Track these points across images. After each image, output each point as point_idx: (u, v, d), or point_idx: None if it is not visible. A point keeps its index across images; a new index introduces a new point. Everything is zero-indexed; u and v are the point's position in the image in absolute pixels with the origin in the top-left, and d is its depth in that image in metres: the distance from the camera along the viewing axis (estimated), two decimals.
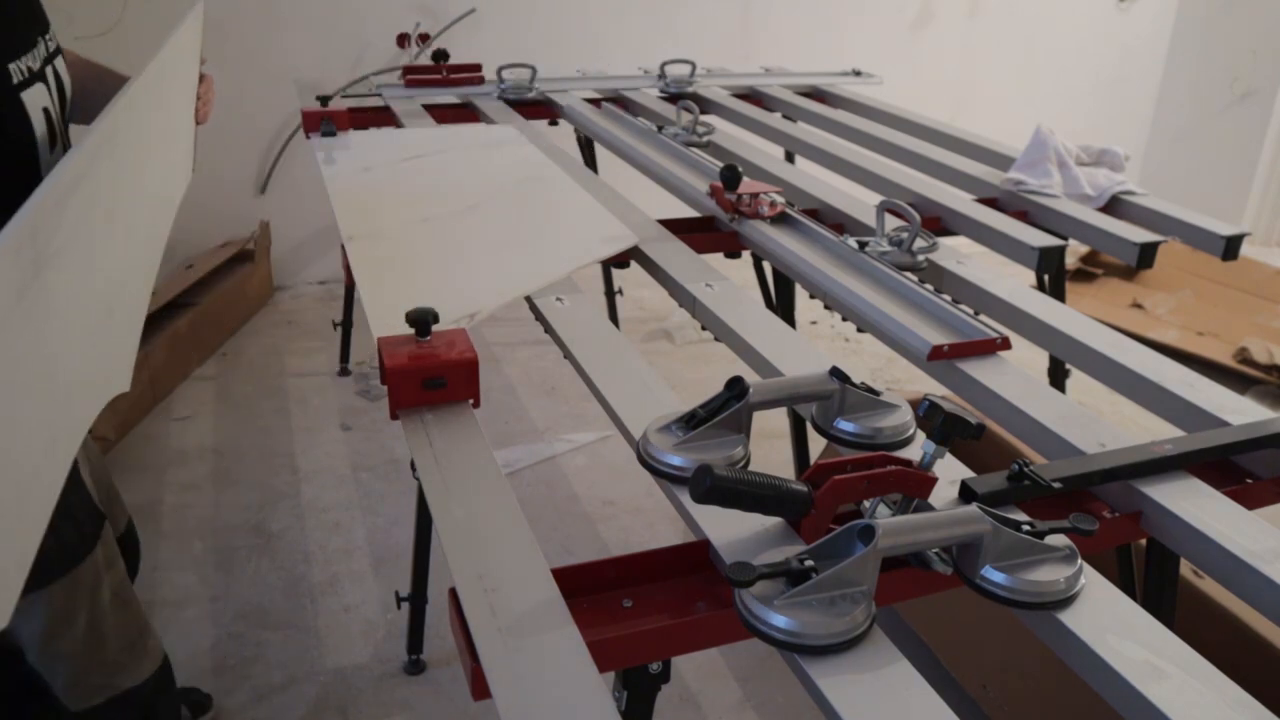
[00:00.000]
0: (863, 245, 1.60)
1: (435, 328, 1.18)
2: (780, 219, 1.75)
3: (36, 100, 1.21)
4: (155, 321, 3.25)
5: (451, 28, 3.87)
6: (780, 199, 1.77)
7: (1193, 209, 1.97)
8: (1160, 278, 4.13)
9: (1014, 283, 1.57)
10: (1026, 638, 1.56)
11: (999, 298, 1.52)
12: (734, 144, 2.32)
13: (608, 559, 0.88)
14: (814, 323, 3.93)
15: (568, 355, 1.32)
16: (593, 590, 0.88)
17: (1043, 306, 1.48)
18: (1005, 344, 1.35)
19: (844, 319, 1.58)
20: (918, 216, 1.59)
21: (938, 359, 1.31)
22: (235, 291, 3.66)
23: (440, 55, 2.99)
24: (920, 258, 1.62)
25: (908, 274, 1.52)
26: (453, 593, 0.85)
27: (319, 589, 2.34)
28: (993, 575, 0.86)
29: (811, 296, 1.65)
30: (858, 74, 3.20)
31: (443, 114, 2.55)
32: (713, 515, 0.94)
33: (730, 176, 1.73)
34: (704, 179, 2.01)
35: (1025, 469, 0.99)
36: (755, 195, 1.74)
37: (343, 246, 1.66)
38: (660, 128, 2.25)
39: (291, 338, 3.67)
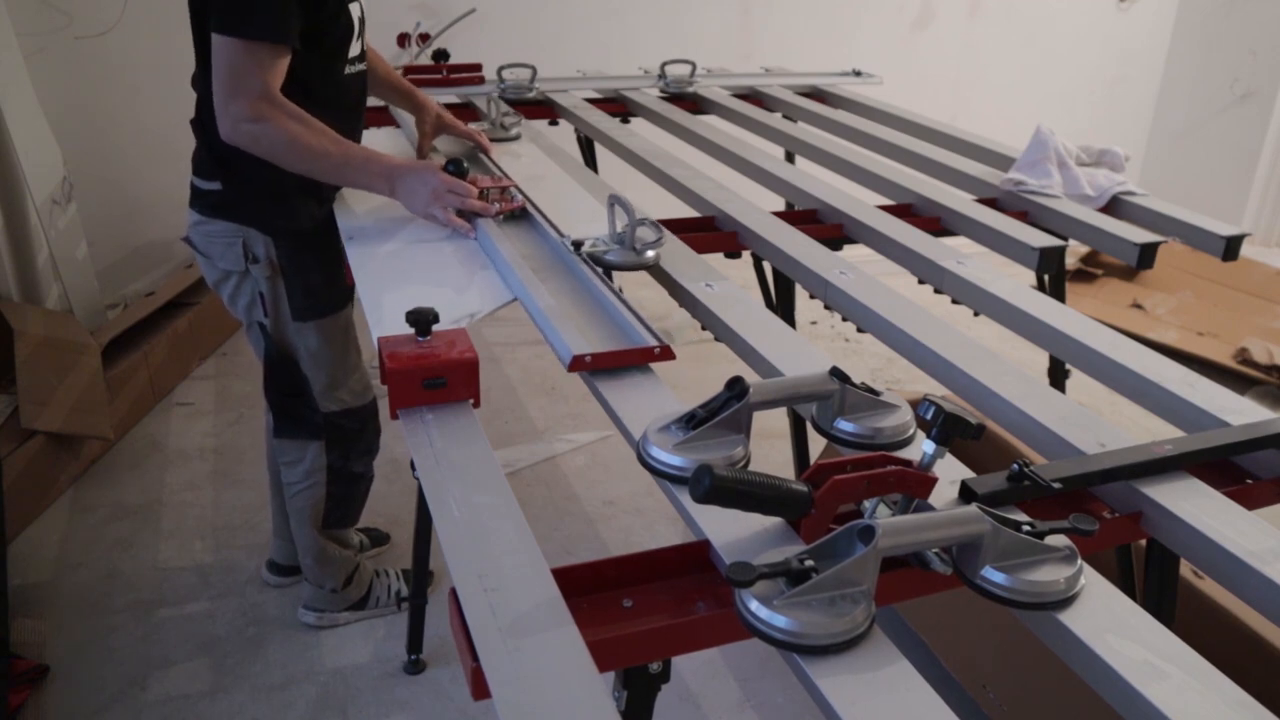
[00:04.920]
0: (578, 245, 1.55)
1: (435, 328, 1.18)
2: (512, 215, 1.71)
3: (354, 11, 1.76)
4: (155, 321, 3.25)
5: (451, 28, 3.87)
6: (519, 195, 1.73)
7: (1193, 209, 1.97)
8: (1160, 278, 4.13)
9: (1014, 283, 1.57)
10: (1026, 638, 1.57)
11: (999, 298, 1.52)
12: (734, 144, 2.32)
13: (608, 559, 0.88)
14: (814, 323, 3.93)
15: None
16: (593, 590, 0.87)
17: (1043, 307, 1.48)
18: (665, 354, 1.24)
19: (844, 319, 1.57)
20: (634, 209, 1.52)
21: (579, 369, 1.22)
22: None
23: (440, 55, 2.99)
24: (649, 254, 1.55)
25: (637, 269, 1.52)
26: (453, 593, 0.85)
27: None
28: (993, 575, 0.86)
29: (812, 297, 1.65)
30: (858, 74, 3.20)
31: None
32: (713, 515, 0.94)
33: (456, 169, 1.68)
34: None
35: (1025, 469, 0.99)
36: (504, 189, 1.71)
37: (343, 246, 1.66)
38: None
39: None
